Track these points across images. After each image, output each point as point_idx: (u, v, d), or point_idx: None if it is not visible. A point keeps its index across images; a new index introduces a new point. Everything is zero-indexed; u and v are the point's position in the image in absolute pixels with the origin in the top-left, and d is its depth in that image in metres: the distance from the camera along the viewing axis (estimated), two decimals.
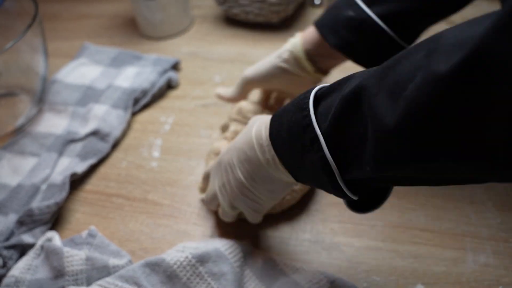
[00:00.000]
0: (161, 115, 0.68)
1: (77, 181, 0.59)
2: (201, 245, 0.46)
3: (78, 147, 0.62)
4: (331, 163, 0.31)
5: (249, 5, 0.79)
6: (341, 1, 0.48)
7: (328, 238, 0.49)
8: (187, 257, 0.44)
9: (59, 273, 0.46)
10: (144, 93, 0.69)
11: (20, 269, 0.47)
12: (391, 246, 0.48)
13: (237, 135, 0.48)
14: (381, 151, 0.27)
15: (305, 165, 0.34)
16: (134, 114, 0.69)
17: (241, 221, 0.50)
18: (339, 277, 0.43)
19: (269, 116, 0.39)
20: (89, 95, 0.69)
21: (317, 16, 0.53)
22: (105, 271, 0.46)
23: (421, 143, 0.25)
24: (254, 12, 0.80)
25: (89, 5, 0.98)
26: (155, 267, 0.44)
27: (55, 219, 0.54)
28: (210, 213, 0.53)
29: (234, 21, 0.85)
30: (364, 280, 0.45)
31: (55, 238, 0.49)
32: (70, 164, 0.60)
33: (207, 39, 0.82)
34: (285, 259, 0.47)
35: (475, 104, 0.22)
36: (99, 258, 0.47)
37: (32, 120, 0.67)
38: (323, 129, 0.32)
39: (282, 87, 0.55)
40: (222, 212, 0.47)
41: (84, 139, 0.63)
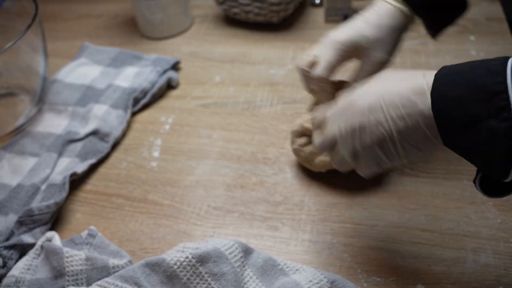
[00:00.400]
0: (161, 115, 0.68)
1: (77, 181, 0.59)
2: (201, 245, 0.46)
3: (78, 147, 0.62)
4: None
5: (249, 5, 0.79)
6: None
7: (328, 238, 0.49)
8: (187, 257, 0.44)
9: (59, 273, 0.46)
10: (144, 93, 0.69)
11: (20, 269, 0.47)
12: (391, 246, 0.48)
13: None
14: None
15: (474, 132, 0.32)
16: (134, 114, 0.69)
17: (242, 219, 0.50)
18: (339, 277, 0.43)
19: (424, 71, 0.35)
20: (89, 95, 0.69)
21: (316, 15, 0.52)
22: (105, 271, 0.46)
23: None
24: (254, 11, 0.80)
25: (89, 5, 0.98)
26: (155, 267, 0.44)
27: (55, 219, 0.54)
28: (210, 213, 0.53)
29: (234, 21, 0.85)
30: (364, 280, 0.45)
31: (55, 238, 0.49)
32: (70, 164, 0.60)
33: (207, 39, 0.82)
34: (285, 259, 0.47)
35: None
36: (99, 258, 0.47)
37: (32, 120, 0.67)
38: None
39: (375, 43, 0.48)
40: (338, 160, 0.42)
41: (84, 139, 0.63)
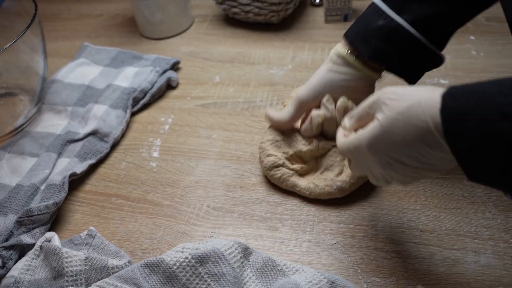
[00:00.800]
0: (160, 115, 0.68)
1: (76, 182, 0.59)
2: (200, 246, 0.46)
3: (77, 147, 0.62)
4: None
5: (248, 5, 0.79)
6: (369, 12, 0.48)
7: (328, 238, 0.49)
8: (186, 258, 0.44)
9: (58, 274, 0.46)
10: (143, 93, 0.69)
11: (19, 269, 0.47)
12: (391, 246, 0.47)
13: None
14: None
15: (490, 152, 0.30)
16: (133, 114, 0.68)
17: (242, 220, 0.50)
18: (339, 278, 0.43)
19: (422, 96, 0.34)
20: (89, 95, 0.69)
21: (316, 15, 0.52)
22: (104, 271, 0.46)
23: None
24: (254, 11, 0.79)
25: (89, 5, 0.98)
26: (154, 267, 0.44)
27: (54, 220, 0.54)
28: (210, 213, 0.53)
29: (234, 21, 0.85)
30: (364, 280, 0.45)
31: (54, 238, 0.49)
32: (69, 164, 0.59)
33: (207, 39, 0.82)
34: (285, 259, 0.46)
35: None
36: (98, 258, 0.46)
37: (31, 120, 0.67)
38: None
39: (339, 97, 0.51)
40: (374, 179, 0.43)
41: (83, 139, 0.63)
